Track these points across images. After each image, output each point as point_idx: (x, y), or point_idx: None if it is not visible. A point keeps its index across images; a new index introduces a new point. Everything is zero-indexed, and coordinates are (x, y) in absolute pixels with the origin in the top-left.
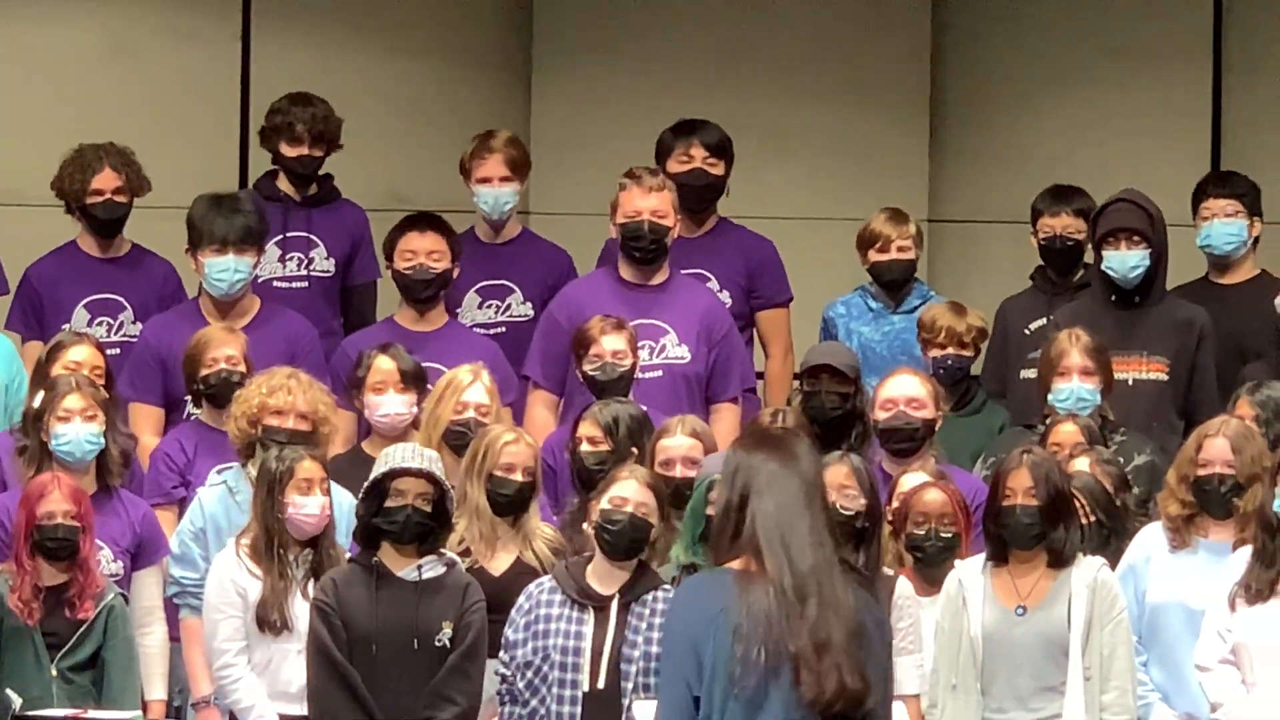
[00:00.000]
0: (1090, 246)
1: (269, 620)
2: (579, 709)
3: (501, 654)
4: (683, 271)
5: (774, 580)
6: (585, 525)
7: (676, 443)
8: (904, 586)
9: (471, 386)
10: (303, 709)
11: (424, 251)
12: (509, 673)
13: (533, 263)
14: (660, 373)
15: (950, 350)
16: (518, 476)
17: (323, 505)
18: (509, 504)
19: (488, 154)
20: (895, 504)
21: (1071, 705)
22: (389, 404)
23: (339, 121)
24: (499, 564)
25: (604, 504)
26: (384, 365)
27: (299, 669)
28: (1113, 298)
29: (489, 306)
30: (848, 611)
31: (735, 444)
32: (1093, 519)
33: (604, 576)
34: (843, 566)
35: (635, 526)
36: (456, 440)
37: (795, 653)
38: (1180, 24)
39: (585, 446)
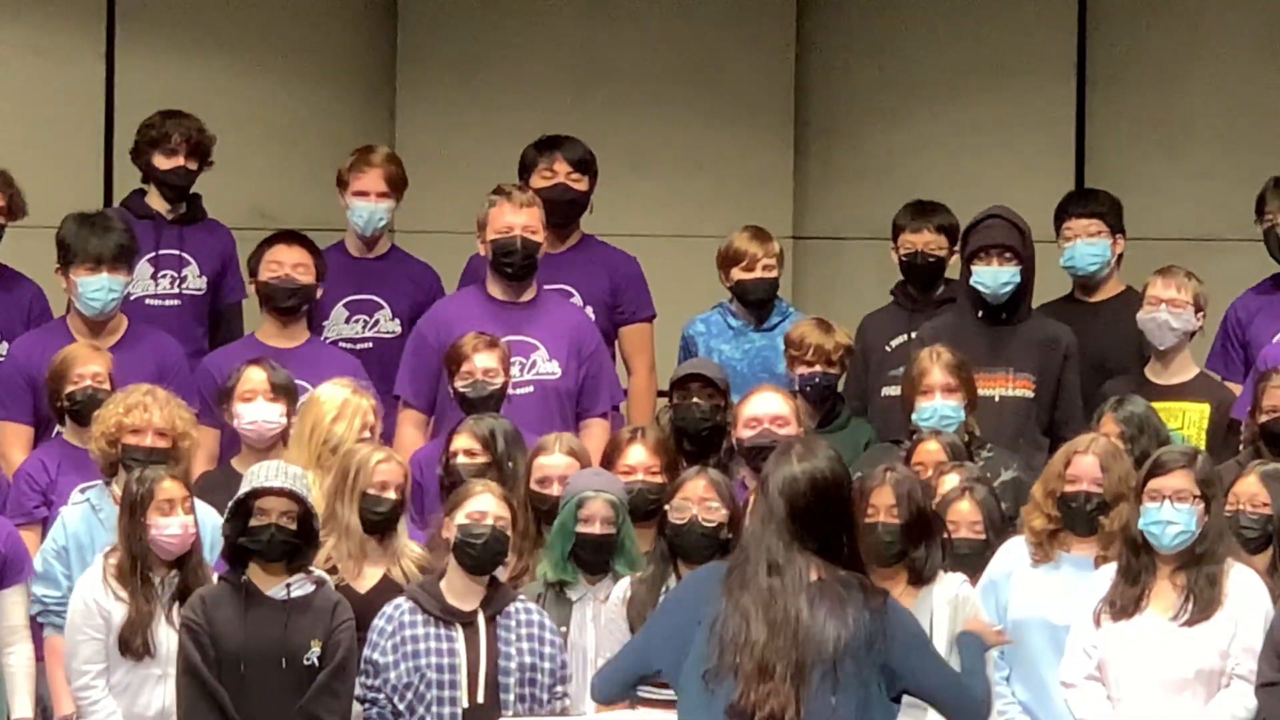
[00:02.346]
0: (951, 262)
1: (132, 645)
2: None
3: (363, 678)
4: (546, 287)
5: (738, 596)
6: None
7: (553, 461)
8: None
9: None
10: None
11: (290, 264)
12: (380, 695)
13: (402, 280)
14: (531, 389)
15: (818, 368)
16: (391, 494)
17: (185, 525)
18: (382, 522)
19: (367, 168)
20: None
21: None
22: (257, 412)
23: (212, 137)
24: (366, 582)
25: (461, 519)
26: (255, 375)
27: (158, 693)
28: (979, 314)
29: (356, 321)
30: (809, 638)
31: (772, 456)
32: (984, 537)
33: (461, 593)
34: (839, 583)
35: (496, 540)
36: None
37: (738, 671)
38: (1044, 40)
39: (462, 459)
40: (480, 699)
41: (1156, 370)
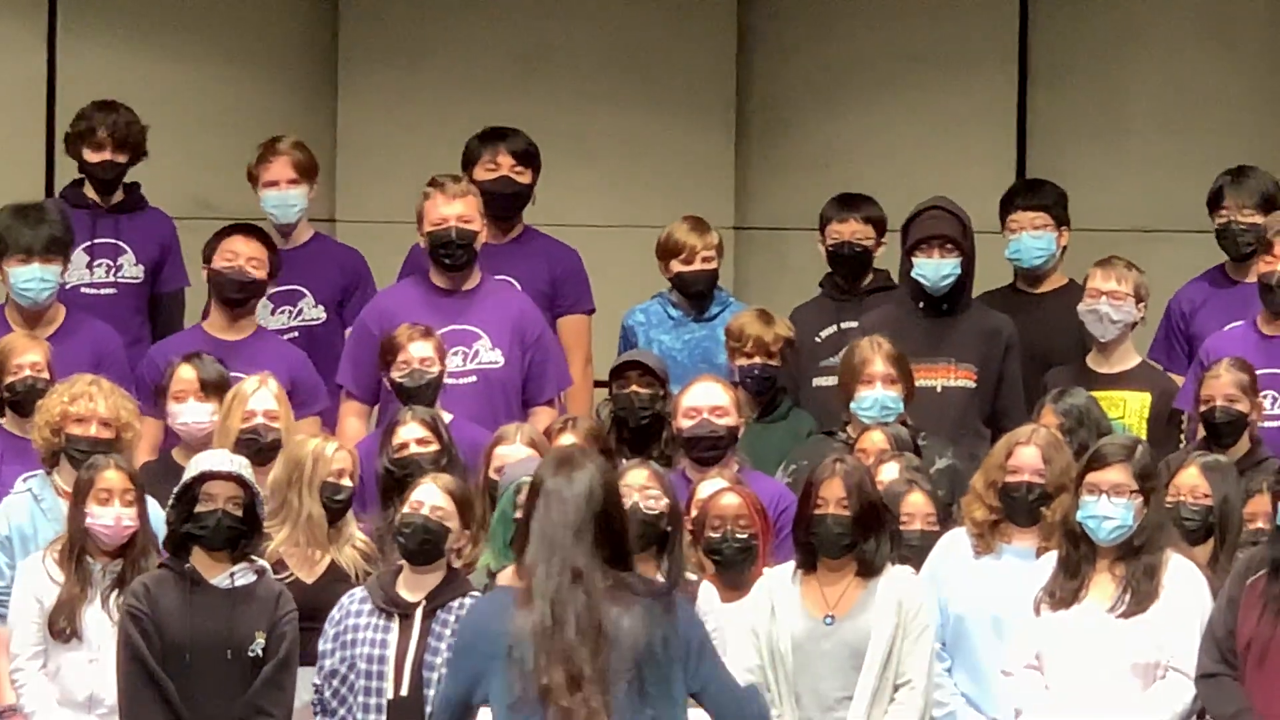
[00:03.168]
0: (878, 253)
1: (57, 627)
2: (384, 717)
3: (318, 663)
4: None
5: (538, 606)
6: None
7: (512, 450)
8: (706, 592)
9: (257, 393)
10: (91, 717)
11: (245, 256)
12: (319, 682)
13: (324, 266)
14: (474, 378)
15: (757, 359)
16: (347, 481)
17: (118, 517)
18: (342, 509)
19: (273, 157)
20: (694, 511)
21: (857, 713)
22: (188, 412)
23: (143, 128)
24: (314, 571)
25: (404, 508)
26: (185, 374)
27: (89, 678)
28: (920, 305)
29: (281, 312)
30: (611, 640)
31: (542, 461)
32: (938, 529)
33: (413, 584)
34: (628, 588)
35: (429, 530)
36: (249, 448)
37: (548, 685)
38: (986, 31)
39: (415, 449)
40: (405, 692)
41: (1098, 360)
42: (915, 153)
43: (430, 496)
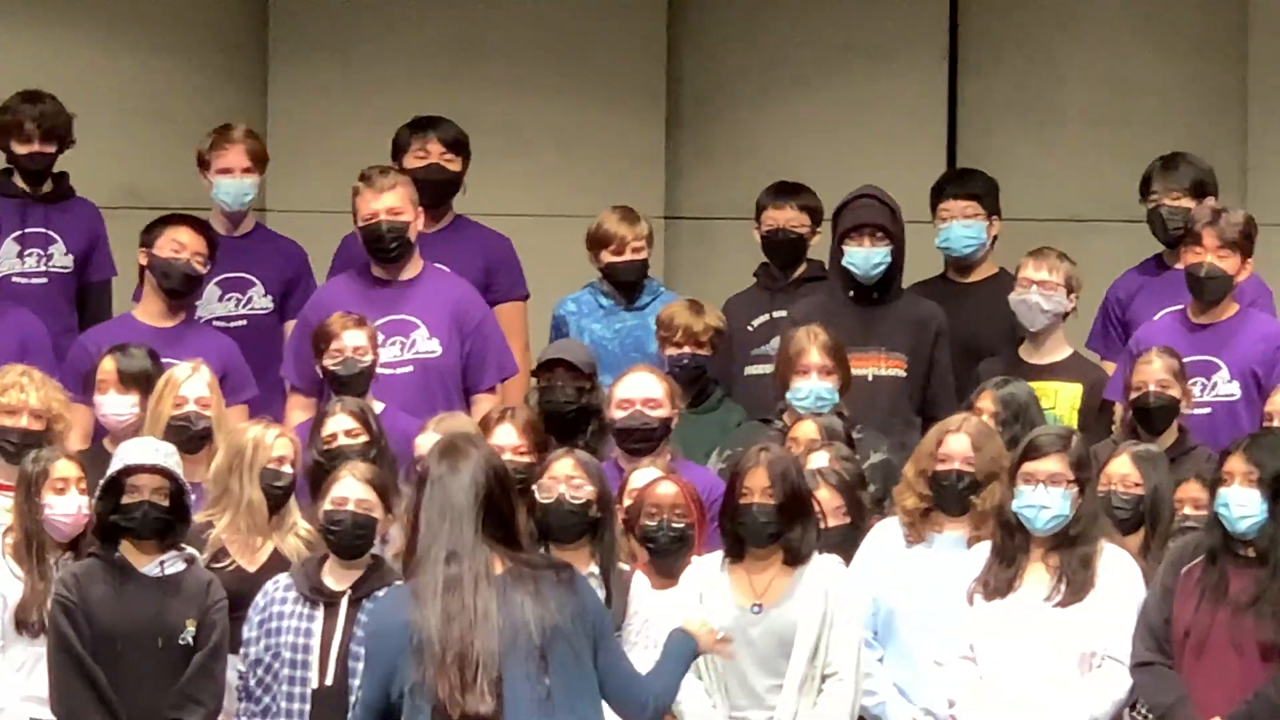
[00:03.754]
0: (813, 243)
1: (28, 622)
2: (308, 706)
3: (242, 649)
4: None
5: (431, 605)
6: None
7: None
8: (638, 582)
9: (190, 380)
10: None
11: (192, 250)
12: (244, 669)
13: (271, 256)
14: (411, 368)
15: (687, 349)
16: (288, 469)
17: (79, 506)
18: (283, 496)
19: (228, 145)
20: (628, 500)
21: (786, 702)
22: (109, 404)
23: (69, 118)
24: (256, 559)
25: (327, 505)
26: (106, 366)
27: None
28: (851, 294)
29: (229, 299)
30: (508, 623)
31: (429, 451)
32: (847, 520)
33: (339, 574)
34: (529, 564)
35: (358, 524)
36: (179, 435)
37: (441, 669)
38: (916, 21)
39: (344, 440)
40: (330, 681)
41: (1030, 350)
42: (846, 143)
43: (352, 490)
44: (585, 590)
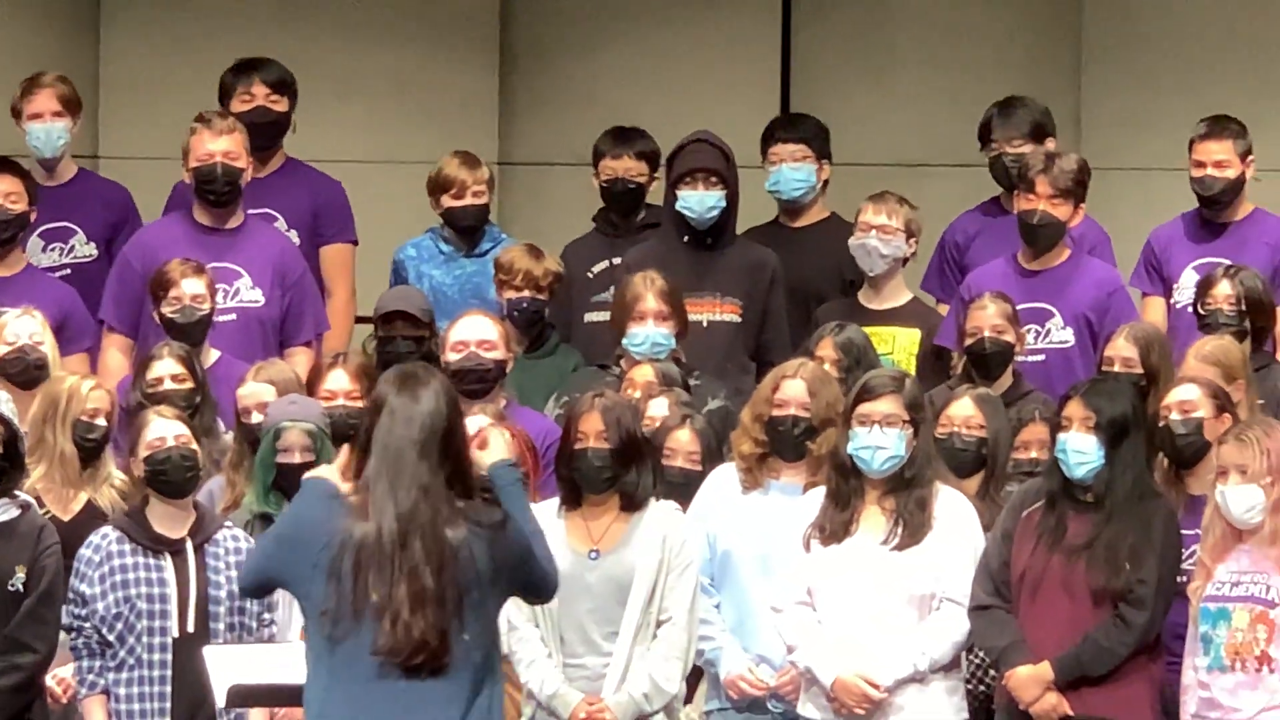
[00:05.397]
0: (652, 189)
1: None
2: (169, 655)
3: (70, 607)
4: (251, 211)
5: (375, 522)
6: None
7: (252, 390)
8: None
9: (20, 320)
10: None
11: (2, 193)
12: (87, 625)
13: (93, 202)
14: (234, 316)
15: (526, 293)
16: (102, 421)
17: None
18: (96, 448)
19: (38, 89)
20: None
21: (621, 649)
22: None
23: None
24: (69, 509)
25: (144, 451)
26: None
27: None
28: (685, 239)
29: (53, 249)
30: (452, 563)
31: (381, 379)
32: (700, 467)
33: (167, 520)
34: (463, 514)
35: (184, 458)
36: (15, 368)
37: (381, 600)
38: None
39: (170, 385)
40: (190, 628)
41: (869, 295)
42: (680, 88)
43: (168, 429)
44: (514, 531)
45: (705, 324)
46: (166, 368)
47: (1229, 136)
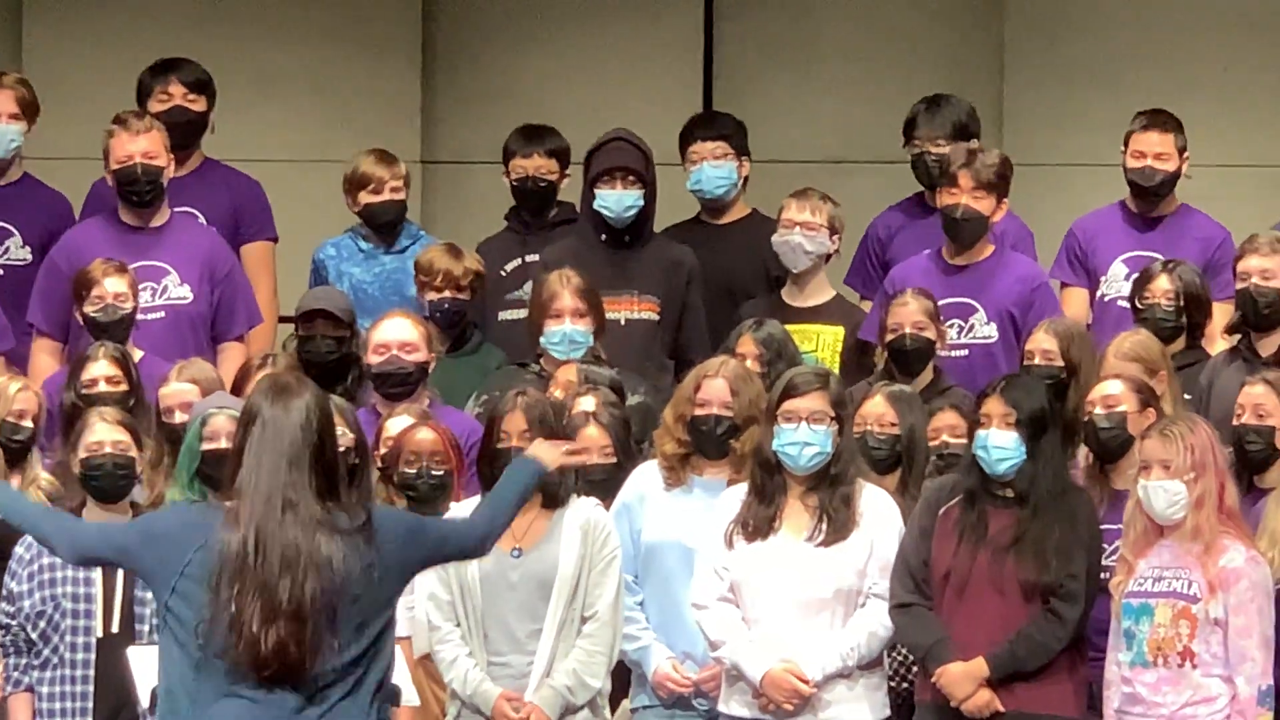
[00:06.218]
0: (563, 186)
1: None
2: (93, 655)
3: (3, 604)
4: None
5: (242, 533)
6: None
7: (175, 389)
8: None
9: None
10: None
11: None
12: (14, 623)
13: (33, 206)
14: (163, 314)
15: (447, 293)
16: (28, 423)
17: None
18: (22, 449)
19: None
20: (384, 448)
21: (544, 645)
22: None
23: None
24: None
25: (82, 453)
26: None
27: None
28: (603, 237)
29: None
30: (316, 575)
31: (254, 388)
32: (614, 459)
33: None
34: (333, 525)
35: (119, 466)
36: None
37: (238, 611)
38: None
39: (104, 387)
40: (115, 628)
41: (793, 292)
42: (602, 86)
43: (107, 434)
44: (386, 536)
45: (623, 322)
46: (101, 369)
47: (1170, 130)
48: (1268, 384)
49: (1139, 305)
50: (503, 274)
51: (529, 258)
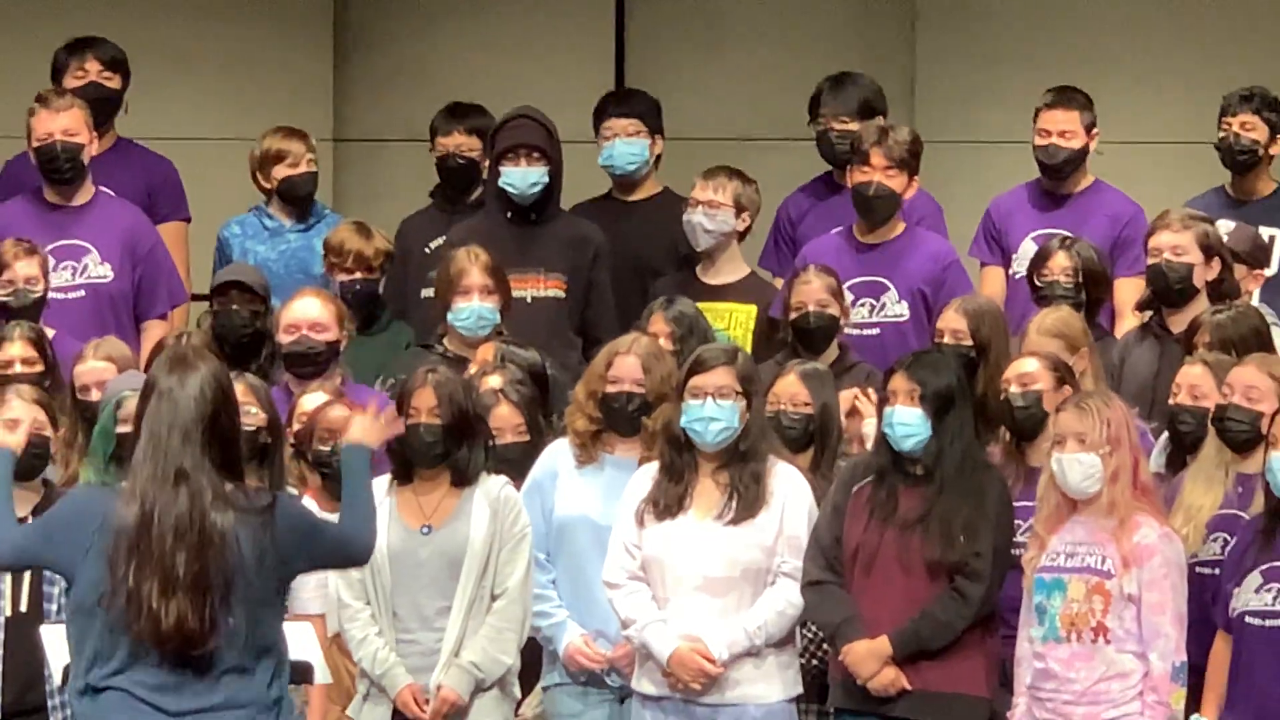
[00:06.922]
0: (485, 164)
1: None
2: (1, 634)
3: None
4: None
5: (136, 507)
6: None
7: (89, 367)
8: (308, 506)
9: None
10: None
11: None
12: None
13: None
14: (83, 293)
15: (358, 274)
16: None
17: None
18: None
19: None
20: (297, 425)
21: (454, 623)
22: None
23: None
24: None
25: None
26: None
27: None
28: (509, 214)
29: None
30: (213, 548)
31: (155, 361)
32: (528, 438)
33: (15, 501)
34: (229, 499)
35: (34, 445)
36: None
37: (136, 586)
38: None
39: (19, 368)
40: (24, 607)
41: (706, 270)
42: (515, 64)
43: (23, 412)
44: (283, 525)
45: (529, 299)
46: (17, 350)
47: (1075, 107)
48: (1206, 365)
49: (1038, 283)
50: (426, 251)
51: (449, 235)
